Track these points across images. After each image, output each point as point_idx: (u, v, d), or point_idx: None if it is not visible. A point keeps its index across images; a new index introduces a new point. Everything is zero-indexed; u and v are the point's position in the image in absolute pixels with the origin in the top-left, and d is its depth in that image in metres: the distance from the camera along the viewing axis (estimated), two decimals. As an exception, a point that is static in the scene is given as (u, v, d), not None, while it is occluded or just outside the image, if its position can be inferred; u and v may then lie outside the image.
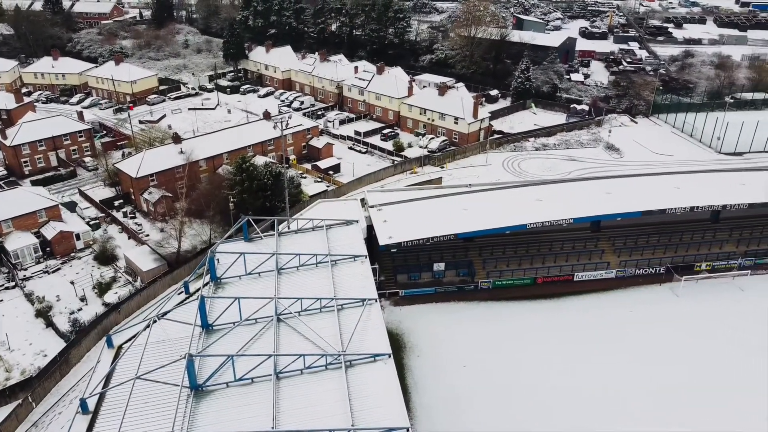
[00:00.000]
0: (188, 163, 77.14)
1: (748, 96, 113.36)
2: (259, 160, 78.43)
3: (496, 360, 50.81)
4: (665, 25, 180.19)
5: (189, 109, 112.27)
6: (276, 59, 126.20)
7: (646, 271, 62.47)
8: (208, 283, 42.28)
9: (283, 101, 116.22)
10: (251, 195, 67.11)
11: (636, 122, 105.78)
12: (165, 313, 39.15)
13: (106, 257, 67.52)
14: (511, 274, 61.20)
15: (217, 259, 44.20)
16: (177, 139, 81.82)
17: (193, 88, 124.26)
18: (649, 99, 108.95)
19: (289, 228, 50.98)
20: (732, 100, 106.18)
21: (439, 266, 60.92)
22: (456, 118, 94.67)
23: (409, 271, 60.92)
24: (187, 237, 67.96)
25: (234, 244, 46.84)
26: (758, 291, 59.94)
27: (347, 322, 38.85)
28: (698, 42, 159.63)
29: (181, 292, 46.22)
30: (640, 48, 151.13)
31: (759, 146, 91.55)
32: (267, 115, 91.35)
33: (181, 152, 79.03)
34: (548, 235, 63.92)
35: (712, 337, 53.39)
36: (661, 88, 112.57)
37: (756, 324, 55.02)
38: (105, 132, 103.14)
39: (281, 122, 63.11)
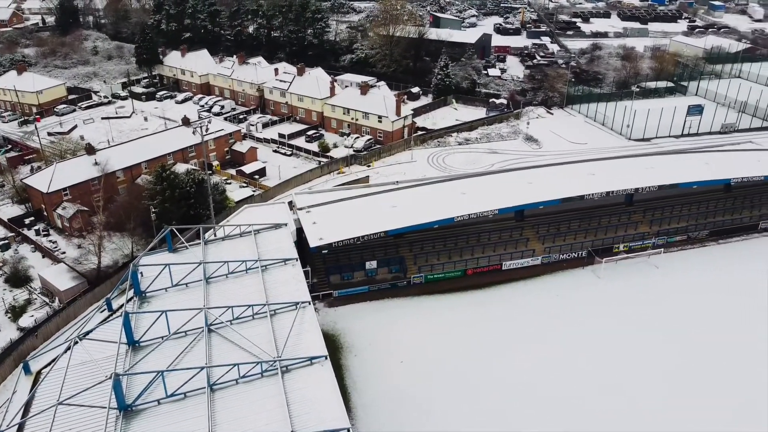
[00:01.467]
0: (104, 174, 73.75)
1: (652, 85, 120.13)
2: (181, 168, 76.02)
3: (432, 354, 51.51)
4: (574, 19, 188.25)
5: (102, 118, 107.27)
6: (192, 63, 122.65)
7: (569, 255, 65.04)
8: (132, 298, 40.59)
9: (202, 106, 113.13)
10: (174, 204, 64.90)
11: (552, 113, 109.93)
12: (87, 333, 37.24)
13: (18, 279, 63.47)
14: (441, 267, 62.19)
15: (141, 273, 42.49)
16: (90, 150, 78.02)
17: (105, 97, 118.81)
18: (563, 91, 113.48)
19: (215, 236, 49.64)
20: (638, 89, 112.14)
21: (371, 264, 61.09)
22: (379, 117, 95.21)
23: (341, 272, 60.76)
24: (108, 252, 64.97)
25: (158, 256, 45.15)
26: (671, 268, 63.72)
27: (281, 327, 38.30)
28: (605, 35, 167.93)
29: (104, 309, 43.97)
30: (551, 42, 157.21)
31: (664, 132, 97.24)
32: (186, 121, 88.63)
33: (96, 163, 75.43)
34: (475, 227, 65.41)
35: (633, 315, 56.29)
36: (573, 80, 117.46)
37: (670, 299, 58.60)
38: (10, 146, 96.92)
39: (201, 127, 61.38)
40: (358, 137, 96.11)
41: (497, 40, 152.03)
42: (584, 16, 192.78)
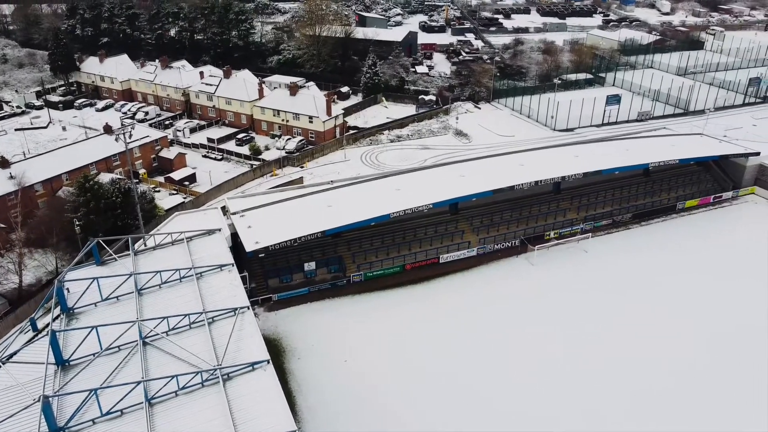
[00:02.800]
0: (21, 188, 69.85)
1: (572, 77, 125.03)
2: (105, 178, 72.98)
3: (376, 350, 51.67)
4: (496, 16, 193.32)
5: (16, 129, 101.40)
6: (112, 69, 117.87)
7: (503, 245, 66.71)
8: (58, 315, 38.67)
9: (125, 113, 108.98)
10: (99, 216, 62.26)
11: (479, 108, 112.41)
12: (11, 356, 35.19)
13: (-70, 304, 59.24)
14: (380, 264, 62.46)
15: (67, 289, 40.52)
16: (4, 163, 73.66)
17: (18, 107, 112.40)
18: (489, 85, 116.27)
19: (146, 245, 48.01)
20: (559, 82, 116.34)
21: (309, 266, 60.63)
22: (310, 117, 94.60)
23: (279, 275, 60.00)
24: (30, 270, 61.60)
25: (85, 270, 43.23)
26: (598, 251, 66.50)
27: (220, 335, 37.51)
28: (526, 30, 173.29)
29: (28, 330, 41.70)
30: (475, 39, 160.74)
31: (586, 121, 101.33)
32: (108, 129, 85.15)
33: (11, 177, 71.30)
34: (411, 222, 66.09)
35: (566, 299, 58.40)
36: (498, 74, 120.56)
37: (598, 280, 61.19)
38: None
39: (124, 135, 59.02)
40: (289, 138, 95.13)
41: (423, 38, 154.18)
42: (506, 13, 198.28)
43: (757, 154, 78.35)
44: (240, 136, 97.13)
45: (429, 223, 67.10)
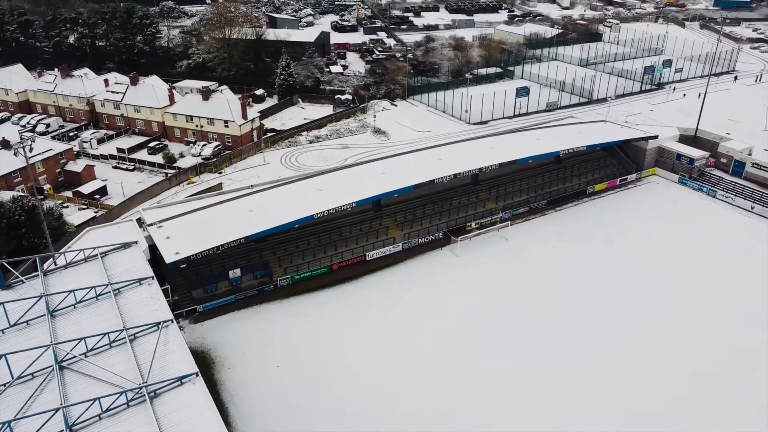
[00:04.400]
0: None
1: (483, 71, 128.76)
2: (5, 196, 68.21)
3: (308, 353, 51.27)
4: (406, 14, 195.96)
5: None
6: (6, 80, 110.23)
7: (427, 239, 67.84)
8: (-39, 346, 35.85)
9: (24, 126, 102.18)
10: (1, 236, 58.11)
11: (396, 105, 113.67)
12: None
13: None
14: (307, 266, 62.01)
15: (-31, 317, 37.65)
16: None
17: None
18: (404, 83, 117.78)
19: (56, 264, 45.27)
20: (471, 76, 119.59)
21: (234, 273, 59.32)
22: (226, 122, 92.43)
23: (204, 285, 58.31)
24: (-75, 300, 56.57)
25: (-12, 296, 40.30)
26: (517, 238, 68.97)
27: (144, 351, 36.01)
28: (436, 28, 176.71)
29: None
30: (388, 37, 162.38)
31: (498, 114, 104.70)
32: (5, 144, 79.63)
33: None
34: (336, 222, 66.03)
35: (489, 286, 60.21)
36: (411, 71, 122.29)
37: (519, 266, 63.55)
38: None
39: (24, 149, 55.40)
40: (205, 144, 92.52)
41: (336, 38, 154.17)
42: (415, 11, 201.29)
43: (656, 137, 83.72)
44: (152, 144, 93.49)
45: (353, 221, 67.27)
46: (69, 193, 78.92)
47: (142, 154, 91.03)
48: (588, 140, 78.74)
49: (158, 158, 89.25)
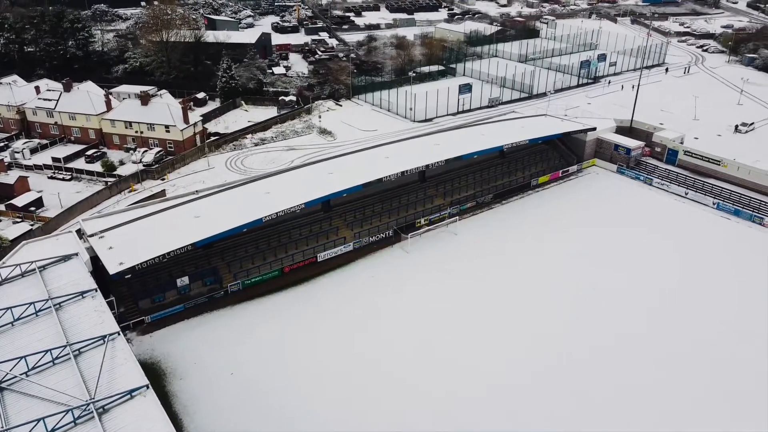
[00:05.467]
0: None
1: (426, 69, 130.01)
2: (-69, 212, 64.58)
3: (261, 358, 50.60)
4: (347, 14, 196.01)
5: None
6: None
7: (377, 237, 68.03)
8: None
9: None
10: (-71, 255, 55.00)
11: (341, 105, 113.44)
12: None
13: None
14: (258, 270, 61.16)
15: None
16: None
17: None
18: (347, 82, 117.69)
19: (-10, 281, 43.23)
20: (414, 74, 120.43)
21: (182, 281, 57.91)
22: (167, 127, 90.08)
23: (150, 295, 56.68)
24: None
25: None
26: (466, 233, 70.02)
27: (90, 366, 34.89)
28: (377, 27, 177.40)
29: None
30: (330, 37, 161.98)
31: (442, 111, 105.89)
32: (-71, 158, 75.36)
33: None
34: (285, 224, 65.37)
35: (442, 281, 60.92)
36: (355, 71, 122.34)
37: (468, 259, 64.53)
38: None
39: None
40: (146, 151, 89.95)
41: (277, 39, 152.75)
42: (356, 10, 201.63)
43: (594, 129, 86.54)
44: (90, 152, 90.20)
45: (303, 223, 66.79)
46: (1, 206, 75.27)
47: (80, 163, 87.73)
48: (530, 134, 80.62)
49: (97, 167, 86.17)
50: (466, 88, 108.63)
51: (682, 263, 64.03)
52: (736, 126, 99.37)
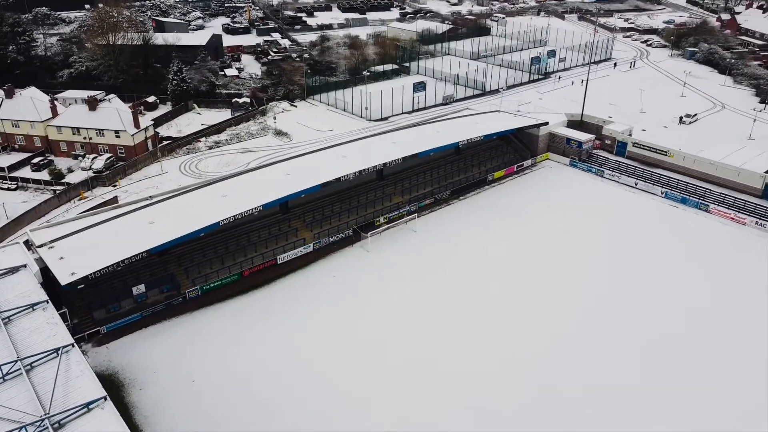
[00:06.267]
0: None
1: (380, 68, 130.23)
2: None
3: (223, 364, 49.84)
4: (299, 14, 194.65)
5: None
6: None
7: (337, 237, 67.84)
8: None
9: None
10: None
11: (296, 106, 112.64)
12: None
13: None
14: (216, 275, 60.19)
15: None
16: None
17: None
18: (302, 83, 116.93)
19: (-68, 298, 41.34)
20: (368, 74, 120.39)
21: (138, 289, 56.51)
22: (117, 132, 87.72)
23: (105, 304, 55.10)
24: None
25: None
26: (426, 229, 70.53)
27: (44, 381, 33.76)
28: (330, 27, 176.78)
29: None
30: (282, 38, 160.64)
31: (398, 109, 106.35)
32: None
33: None
34: (243, 227, 64.55)
35: (403, 278, 61.21)
36: (309, 71, 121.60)
37: (429, 255, 65.05)
38: None
39: None
40: (96, 157, 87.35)
41: (229, 40, 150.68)
42: (308, 11, 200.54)
43: (546, 123, 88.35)
44: (36, 160, 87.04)
45: (261, 225, 66.07)
46: (-58, 220, 71.96)
47: (25, 172, 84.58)
48: (484, 130, 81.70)
49: (44, 175, 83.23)
50: (420, 87, 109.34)
51: (634, 252, 65.96)
52: (681, 117, 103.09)
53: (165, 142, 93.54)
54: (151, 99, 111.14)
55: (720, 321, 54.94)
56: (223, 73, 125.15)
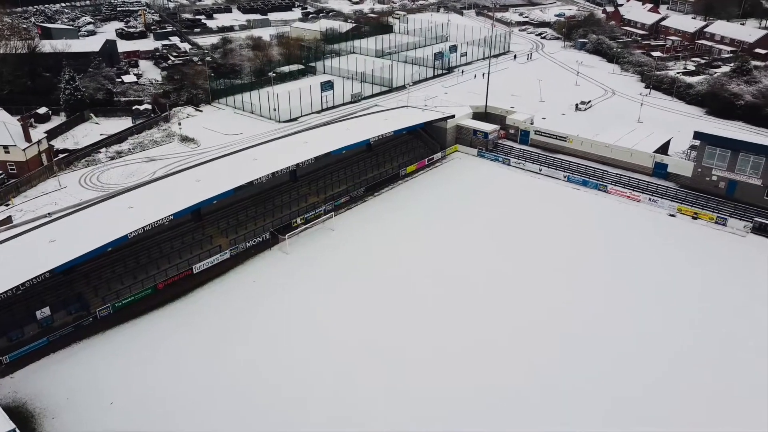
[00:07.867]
0: None
1: (286, 69, 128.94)
2: None
3: (143, 383, 47.81)
4: (198, 17, 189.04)
5: None
6: None
7: (254, 241, 66.66)
8: None
9: None
10: None
11: (201, 111, 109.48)
12: None
13: None
14: (128, 290, 57.56)
15: None
16: None
17: None
18: (206, 87, 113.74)
19: None
20: (274, 75, 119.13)
21: (43, 312, 53.06)
22: (5, 147, 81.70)
23: (6, 332, 51.35)
24: None
25: None
26: (344, 227, 70.80)
27: (-59, 419, 30.97)
28: (231, 29, 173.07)
29: None
30: (181, 41, 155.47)
31: (306, 109, 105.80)
32: None
33: None
34: (154, 238, 62.12)
35: (323, 277, 61.15)
36: (212, 75, 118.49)
37: (348, 255, 65.29)
38: None
39: None
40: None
41: (124, 46, 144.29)
42: (207, 13, 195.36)
43: (453, 116, 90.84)
44: None
45: (174, 235, 63.84)
46: None
47: None
48: (394, 126, 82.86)
49: (-77, 198, 76.34)
50: (327, 86, 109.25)
51: (542, 236, 69.14)
52: (576, 105, 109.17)
53: (61, 155, 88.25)
54: (42, 110, 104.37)
55: (618, 286, 58.70)
56: (120, 80, 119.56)
